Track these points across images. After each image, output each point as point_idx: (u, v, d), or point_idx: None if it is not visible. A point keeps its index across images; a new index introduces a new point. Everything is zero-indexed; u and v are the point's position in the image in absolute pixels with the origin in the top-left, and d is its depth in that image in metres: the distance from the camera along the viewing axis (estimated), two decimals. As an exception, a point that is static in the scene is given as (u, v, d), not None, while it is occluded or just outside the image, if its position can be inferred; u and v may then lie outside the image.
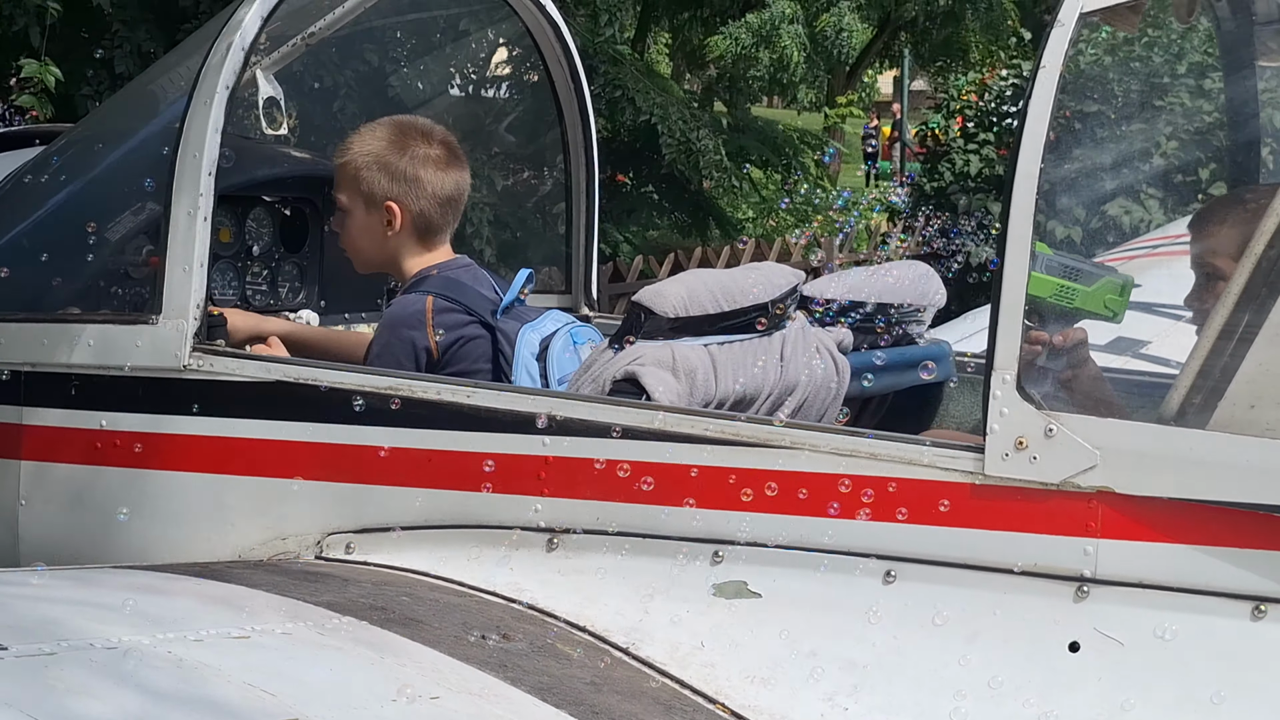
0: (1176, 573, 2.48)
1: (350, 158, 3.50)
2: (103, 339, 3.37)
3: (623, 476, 2.88)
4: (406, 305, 3.44)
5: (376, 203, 3.48)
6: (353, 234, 3.55)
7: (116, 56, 8.77)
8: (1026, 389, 2.57)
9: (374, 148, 3.48)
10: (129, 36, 8.79)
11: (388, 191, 3.47)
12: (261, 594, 2.65)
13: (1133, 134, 9.26)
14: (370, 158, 3.47)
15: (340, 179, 3.53)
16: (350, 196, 3.51)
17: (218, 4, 8.61)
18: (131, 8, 8.86)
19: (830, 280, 3.63)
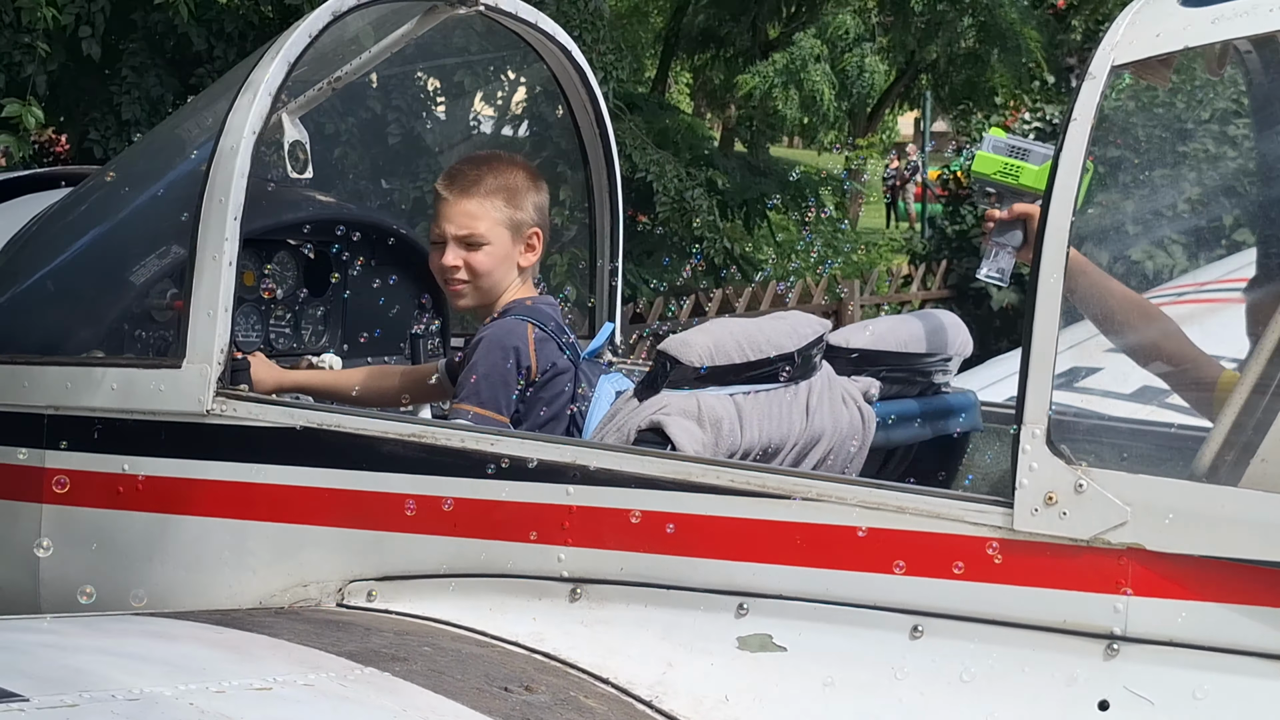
0: (1208, 631, 2.46)
1: (493, 188, 3.48)
2: (126, 382, 3.36)
3: (647, 527, 2.86)
4: (509, 327, 3.43)
5: (522, 232, 3.51)
6: (489, 264, 3.49)
7: (124, 103, 8.78)
8: (1057, 444, 2.55)
9: (517, 181, 3.51)
10: (137, 83, 8.81)
11: (534, 221, 3.52)
12: (284, 643, 2.64)
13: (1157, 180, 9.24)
14: (518, 189, 3.50)
15: (472, 209, 3.47)
16: (491, 226, 3.47)
17: (232, 48, 8.67)
18: (141, 54, 8.88)
19: (856, 329, 3.61)
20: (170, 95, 8.91)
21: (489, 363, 3.37)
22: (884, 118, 30.49)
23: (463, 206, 3.46)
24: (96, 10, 7.80)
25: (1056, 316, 2.54)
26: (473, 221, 3.46)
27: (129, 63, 8.85)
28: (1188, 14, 2.58)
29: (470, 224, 3.46)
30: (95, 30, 7.91)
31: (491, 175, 3.48)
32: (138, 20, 8.74)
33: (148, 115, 8.80)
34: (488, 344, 3.40)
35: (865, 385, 3.50)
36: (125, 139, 8.75)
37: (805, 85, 21.48)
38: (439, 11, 3.78)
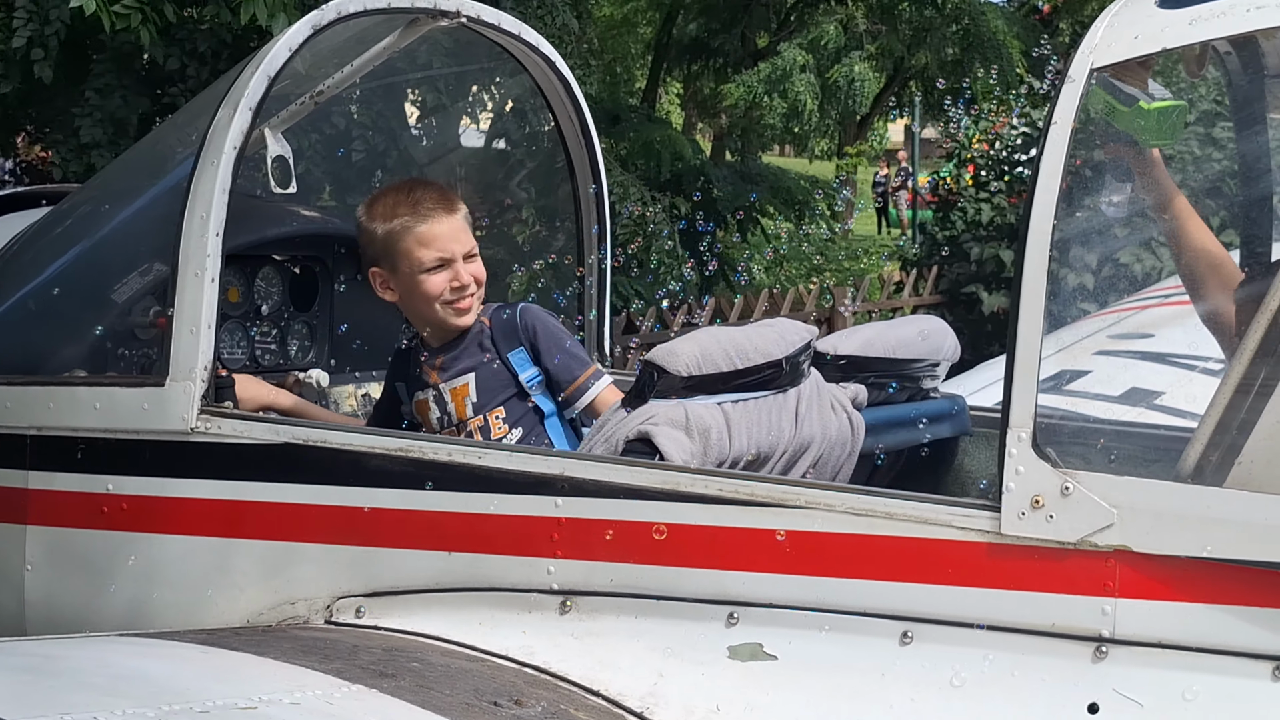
0: (1196, 632, 2.45)
1: (458, 201, 3.52)
2: (109, 402, 3.35)
3: (636, 538, 2.85)
4: (528, 304, 3.54)
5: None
6: (483, 269, 3.52)
7: (84, 125, 8.72)
8: (1043, 447, 2.54)
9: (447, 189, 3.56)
10: (100, 105, 8.75)
11: None
12: (270, 662, 2.62)
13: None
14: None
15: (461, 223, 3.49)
16: (471, 237, 3.52)
17: (205, 67, 8.63)
18: (107, 75, 8.82)
19: (844, 335, 3.61)
20: (135, 116, 8.84)
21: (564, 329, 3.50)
22: (874, 125, 30.53)
23: (454, 224, 3.46)
24: (51, 34, 7.75)
25: (1041, 320, 2.54)
26: (467, 235, 3.48)
27: (93, 84, 8.77)
28: (1165, 16, 2.57)
29: (468, 238, 3.47)
30: (49, 53, 7.87)
31: (445, 190, 3.51)
32: (105, 40, 8.69)
33: (110, 137, 8.72)
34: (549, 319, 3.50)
35: (853, 392, 3.50)
36: (85, 161, 8.69)
37: (789, 95, 21.51)
38: (421, 24, 3.77)
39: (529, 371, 3.47)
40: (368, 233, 3.50)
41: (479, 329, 3.50)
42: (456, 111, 8.68)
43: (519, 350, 3.46)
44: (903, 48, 22.95)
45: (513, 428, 3.44)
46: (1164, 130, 3.03)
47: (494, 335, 3.47)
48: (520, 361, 3.47)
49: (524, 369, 3.47)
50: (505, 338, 3.47)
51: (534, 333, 3.46)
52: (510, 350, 3.46)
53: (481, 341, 3.48)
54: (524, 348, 3.47)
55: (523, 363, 3.47)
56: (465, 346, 3.49)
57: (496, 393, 3.45)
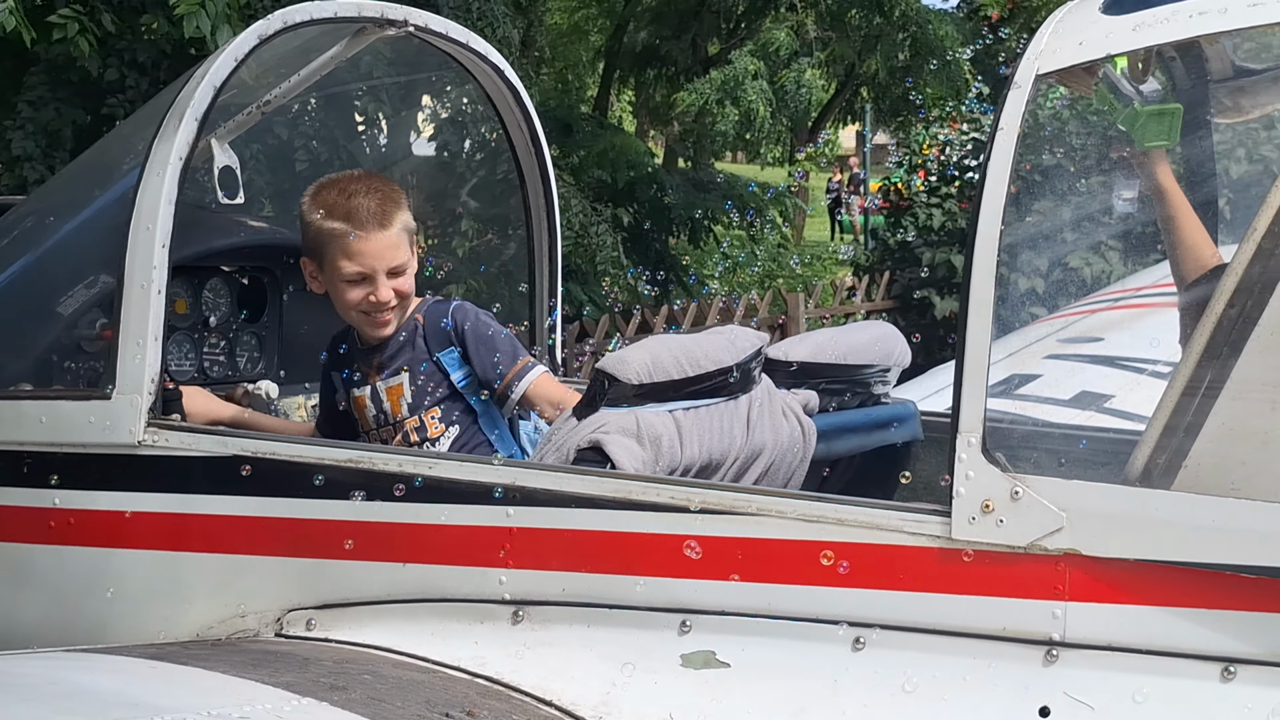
0: (1146, 635, 2.46)
1: (394, 211, 3.46)
2: (55, 416, 3.32)
3: (588, 547, 2.84)
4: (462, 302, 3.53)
5: (413, 241, 3.54)
6: (410, 284, 3.51)
7: (15, 138, 8.63)
8: (993, 452, 2.55)
9: (396, 194, 3.50)
10: (33, 117, 8.65)
11: (415, 225, 3.55)
12: (219, 676, 2.60)
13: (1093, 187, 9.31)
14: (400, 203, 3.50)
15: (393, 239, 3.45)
16: (406, 249, 3.48)
17: (145, 77, 8.56)
18: (41, 87, 8.73)
19: (795, 342, 3.61)
20: (69, 128, 8.74)
21: (496, 325, 3.46)
22: (825, 131, 30.60)
23: (384, 240, 3.42)
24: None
25: (989, 325, 2.54)
26: (396, 252, 3.44)
27: (26, 96, 8.68)
28: (1110, 21, 2.58)
29: (395, 255, 3.44)
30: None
31: (387, 199, 3.45)
32: (40, 51, 8.61)
33: (44, 150, 8.63)
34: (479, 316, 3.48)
35: (805, 398, 3.50)
36: (17, 175, 8.60)
37: (741, 102, 21.55)
38: (368, 33, 3.76)
39: (460, 372, 3.46)
40: (304, 222, 3.49)
41: (413, 326, 3.49)
42: (406, 121, 8.65)
43: (450, 351, 3.46)
44: (853, 54, 23.04)
45: (449, 426, 3.43)
46: (1158, 133, 3.08)
47: (426, 335, 3.47)
48: (451, 362, 3.46)
49: (455, 369, 3.46)
50: (436, 338, 3.46)
51: (463, 333, 3.45)
52: (441, 350, 3.46)
53: (415, 341, 3.47)
54: (455, 349, 3.46)
55: (454, 363, 3.46)
56: (400, 345, 3.48)
57: (430, 393, 3.45)
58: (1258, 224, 2.35)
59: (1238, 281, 2.36)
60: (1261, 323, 2.36)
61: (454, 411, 3.44)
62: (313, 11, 3.57)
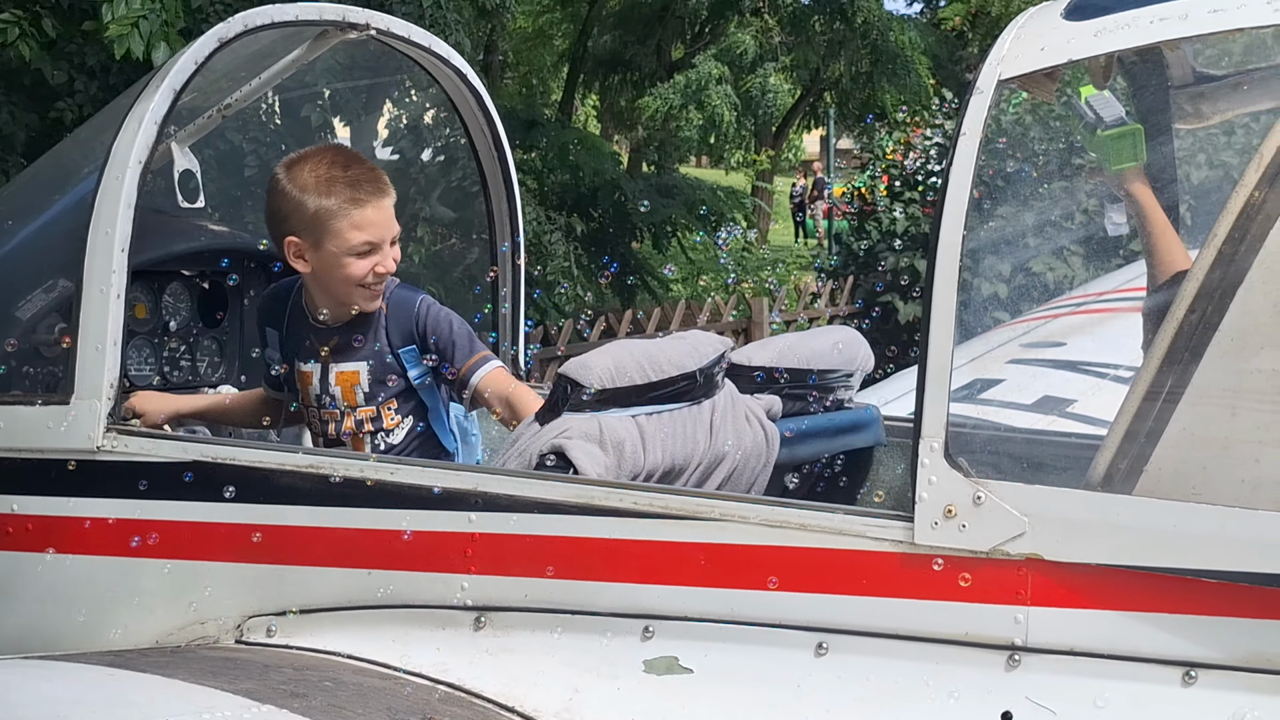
0: (1107, 639, 2.46)
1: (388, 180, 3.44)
2: (13, 420, 3.29)
3: (550, 552, 2.83)
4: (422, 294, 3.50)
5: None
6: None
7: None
8: (955, 457, 2.55)
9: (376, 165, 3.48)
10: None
11: None
12: (178, 683, 2.58)
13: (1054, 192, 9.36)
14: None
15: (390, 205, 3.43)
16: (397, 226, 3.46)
17: (94, 81, 8.49)
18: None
19: (758, 347, 3.61)
20: (23, 132, 8.67)
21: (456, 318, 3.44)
22: (789, 136, 30.69)
23: (389, 207, 3.40)
24: None
25: (952, 330, 2.55)
26: (395, 219, 3.43)
27: None
28: (1071, 27, 2.59)
29: (395, 222, 3.42)
30: None
31: (375, 168, 3.43)
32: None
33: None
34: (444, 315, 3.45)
35: (768, 403, 3.50)
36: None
37: (706, 107, 21.61)
38: (330, 36, 3.74)
39: (417, 369, 3.45)
40: (292, 200, 3.36)
41: (377, 314, 3.45)
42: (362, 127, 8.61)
43: (410, 348, 3.44)
44: (817, 59, 23.12)
45: (404, 418, 3.43)
46: (1125, 154, 3.11)
47: (389, 326, 3.44)
48: (410, 359, 3.45)
49: (413, 366, 3.45)
50: (399, 332, 3.44)
51: (424, 329, 3.42)
52: (402, 346, 3.44)
53: (377, 330, 3.44)
54: (414, 346, 3.44)
55: (412, 360, 3.45)
56: (361, 331, 3.45)
57: (386, 385, 3.43)
58: (1218, 229, 2.36)
59: (1198, 287, 2.37)
60: (1221, 328, 2.36)
61: (409, 406, 3.42)
62: (274, 14, 3.55)
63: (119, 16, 6.69)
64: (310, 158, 3.41)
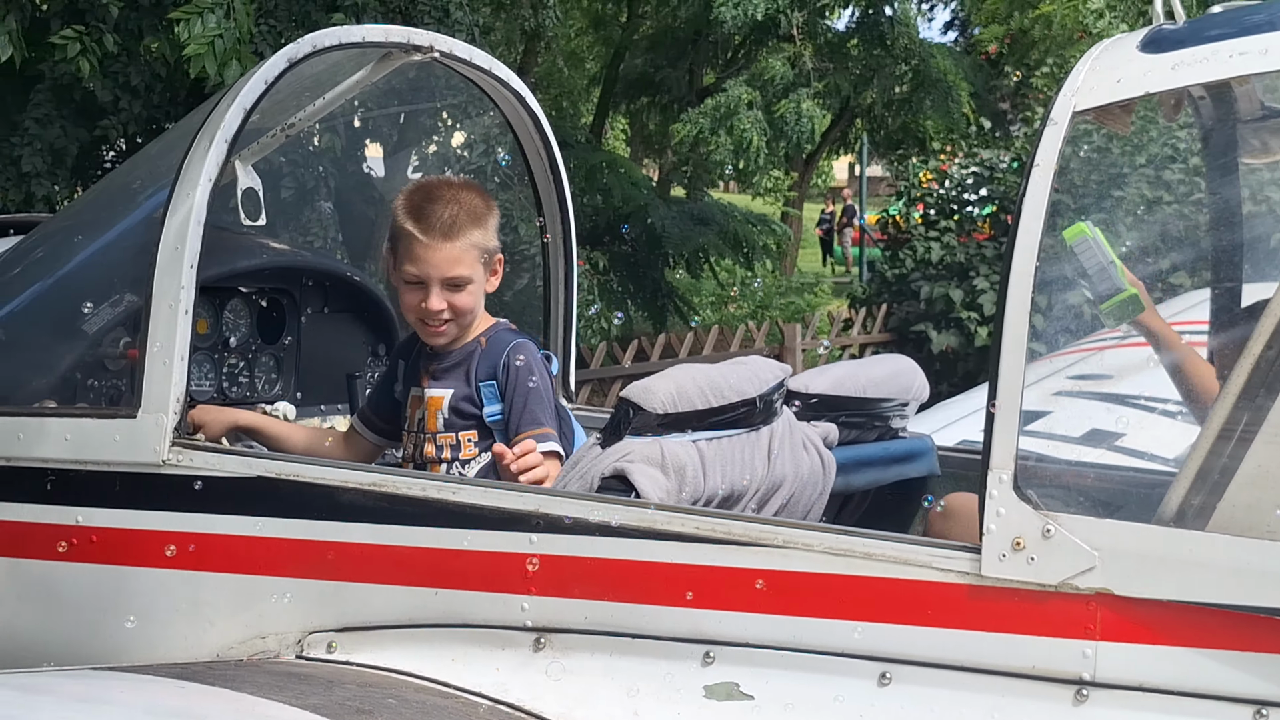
0: (1177, 676, 2.46)
1: (467, 225, 3.40)
2: (79, 433, 3.31)
3: (611, 575, 2.84)
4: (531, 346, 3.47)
5: (492, 260, 3.48)
6: (471, 301, 3.44)
7: (24, 155, 8.64)
8: (1024, 489, 2.55)
9: (479, 208, 3.43)
10: (40, 134, 8.67)
11: (498, 246, 3.49)
12: (246, 697, 2.59)
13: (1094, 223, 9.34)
14: (482, 218, 3.44)
15: (455, 254, 3.39)
16: (471, 265, 3.41)
17: (138, 100, 8.57)
18: (47, 105, 8.75)
19: (816, 374, 3.62)
20: (74, 147, 8.76)
21: (546, 386, 3.43)
22: (819, 162, 30.68)
23: (446, 252, 3.38)
24: None
25: (1023, 360, 2.55)
26: (456, 265, 3.39)
27: (33, 114, 8.71)
28: (1148, 60, 2.60)
29: (454, 268, 3.39)
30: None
31: (464, 213, 3.40)
32: (45, 70, 8.62)
33: (50, 167, 8.65)
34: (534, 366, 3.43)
35: (825, 430, 3.51)
36: (25, 190, 8.62)
37: (735, 131, 21.59)
38: (394, 58, 3.76)
39: (493, 407, 3.43)
40: (393, 216, 3.46)
41: (474, 347, 3.46)
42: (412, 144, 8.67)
43: (490, 383, 3.44)
44: (850, 86, 23.10)
45: (482, 453, 3.43)
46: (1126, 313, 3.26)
47: (480, 360, 3.45)
48: (489, 395, 3.44)
49: (490, 403, 3.44)
50: (487, 368, 3.44)
51: (509, 374, 3.41)
52: (484, 380, 3.44)
53: (470, 364, 3.45)
54: (495, 382, 3.44)
55: (490, 397, 3.44)
56: (457, 362, 3.47)
57: (466, 417, 3.44)
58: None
59: (1277, 323, 2.37)
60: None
61: (488, 440, 3.43)
62: (341, 36, 3.58)
63: (196, 36, 6.74)
64: (426, 183, 3.49)
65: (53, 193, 8.64)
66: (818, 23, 22.42)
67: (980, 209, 14.18)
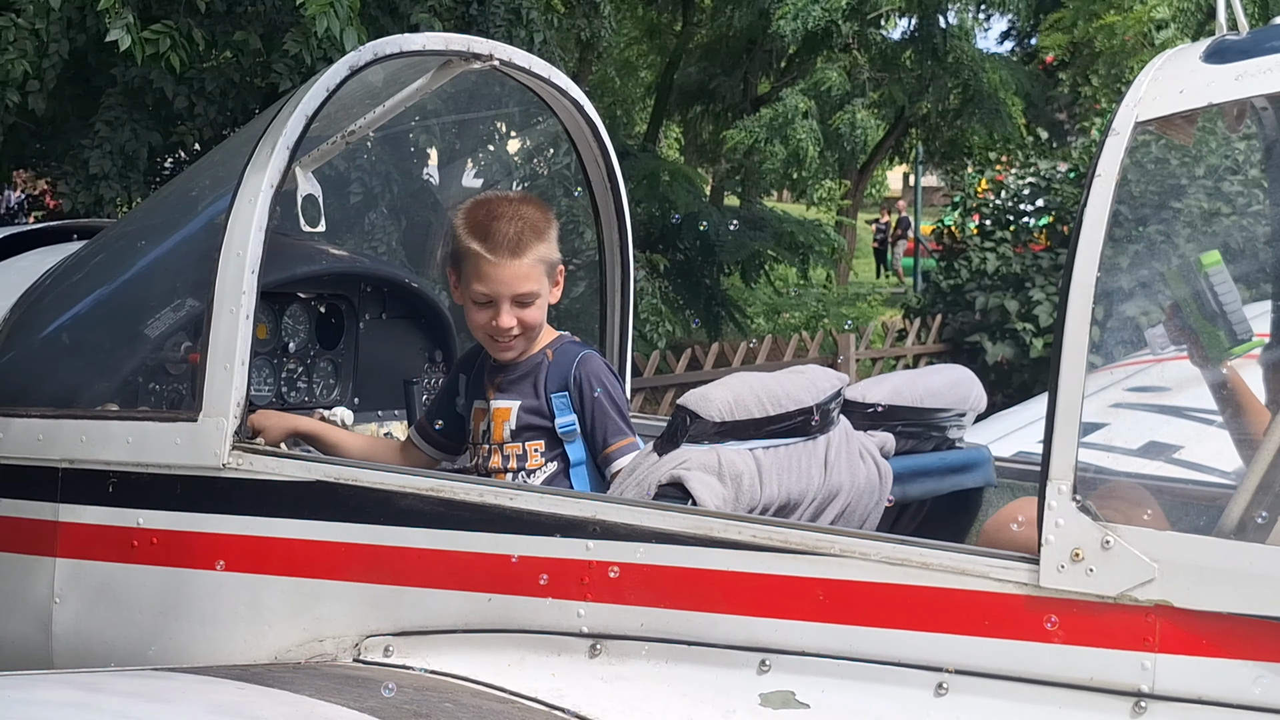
0: (1237, 689, 2.44)
1: (533, 240, 3.39)
2: (141, 436, 3.34)
3: (668, 582, 2.85)
4: (597, 357, 3.48)
5: (555, 272, 3.48)
6: (539, 315, 3.45)
7: (93, 157, 8.73)
8: (1083, 500, 2.54)
9: (542, 224, 3.43)
10: (110, 137, 8.76)
11: (557, 261, 3.48)
12: (305, 699, 2.61)
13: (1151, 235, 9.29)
14: (544, 232, 3.43)
15: (523, 271, 3.39)
16: (539, 280, 3.41)
17: (212, 106, 8.67)
18: (118, 108, 8.85)
19: (873, 383, 3.62)
20: (145, 150, 8.85)
21: (621, 396, 3.42)
22: (874, 172, 30.59)
23: (514, 269, 3.37)
24: (49, 66, 7.75)
25: (1083, 371, 2.54)
26: (524, 282, 3.38)
27: (104, 116, 8.80)
28: (1211, 70, 2.58)
29: (522, 284, 3.38)
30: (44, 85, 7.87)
31: (528, 228, 3.39)
32: (117, 74, 8.72)
33: (120, 170, 8.74)
34: (605, 379, 3.42)
35: (881, 440, 3.50)
36: (94, 193, 8.71)
37: (790, 141, 21.56)
38: (453, 66, 3.79)
39: (566, 418, 3.42)
40: (456, 234, 3.45)
41: (540, 359, 3.46)
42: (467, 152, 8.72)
43: (563, 394, 3.42)
44: (904, 96, 23.04)
45: (549, 463, 3.42)
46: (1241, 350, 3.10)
47: (549, 373, 3.44)
48: (561, 406, 3.42)
49: (563, 414, 3.42)
50: (557, 379, 3.43)
51: (581, 386, 3.40)
52: (555, 392, 3.42)
53: (537, 375, 3.44)
54: (568, 394, 3.42)
55: (563, 408, 3.42)
56: (523, 374, 3.46)
57: (534, 427, 3.43)
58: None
59: (1342, 336, 2.35)
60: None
61: (555, 450, 3.43)
62: (402, 44, 3.61)
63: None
64: (485, 200, 3.47)
65: (123, 196, 8.71)
66: (873, 33, 22.39)
67: (1036, 219, 14.12)
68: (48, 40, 7.65)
